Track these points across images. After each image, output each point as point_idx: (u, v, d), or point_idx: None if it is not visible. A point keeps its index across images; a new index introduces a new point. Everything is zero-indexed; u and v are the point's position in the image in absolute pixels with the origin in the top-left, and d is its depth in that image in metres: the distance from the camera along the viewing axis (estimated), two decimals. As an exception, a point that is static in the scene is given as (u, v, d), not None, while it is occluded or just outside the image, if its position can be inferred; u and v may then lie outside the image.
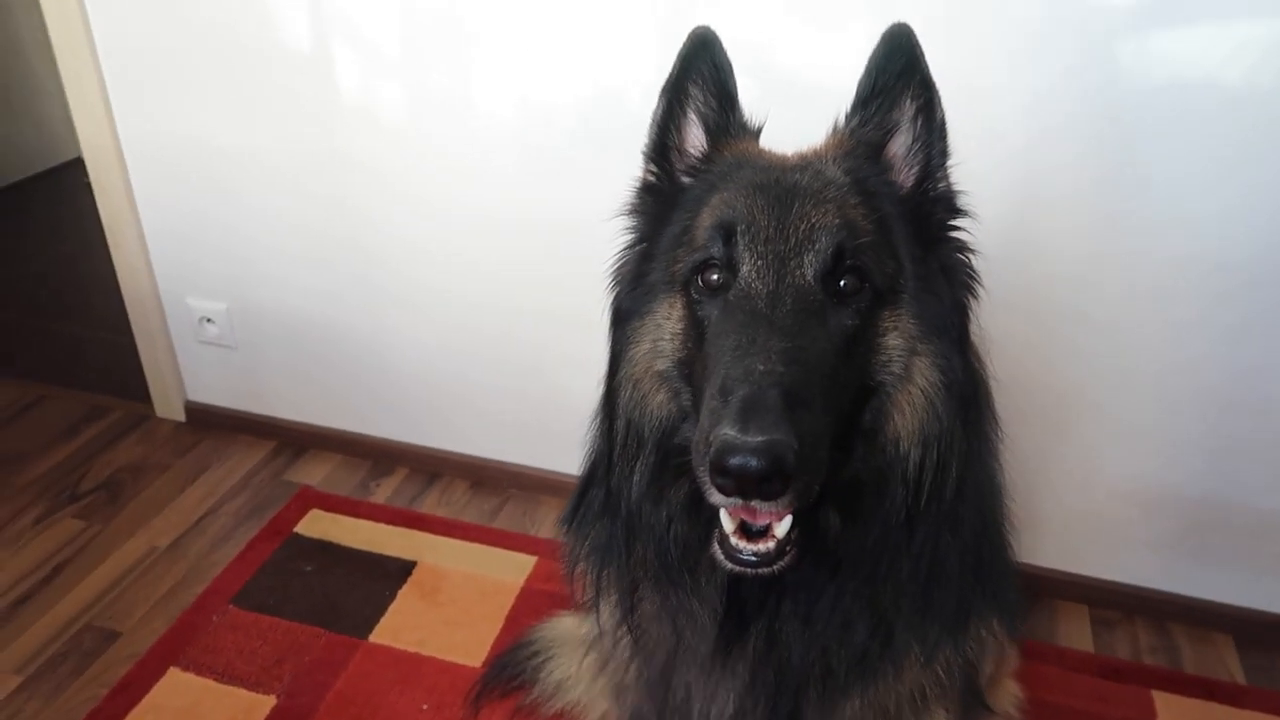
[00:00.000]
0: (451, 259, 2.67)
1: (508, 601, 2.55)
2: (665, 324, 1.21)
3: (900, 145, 1.25)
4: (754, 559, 1.09)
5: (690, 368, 1.18)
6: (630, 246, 1.31)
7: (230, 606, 2.51)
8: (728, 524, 1.10)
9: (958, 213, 1.25)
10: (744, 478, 0.95)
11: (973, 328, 1.24)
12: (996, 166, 2.11)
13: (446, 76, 2.42)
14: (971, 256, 1.25)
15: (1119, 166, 2.08)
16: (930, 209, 1.23)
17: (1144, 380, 2.30)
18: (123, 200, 2.86)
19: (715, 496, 1.02)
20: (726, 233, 1.15)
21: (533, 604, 2.52)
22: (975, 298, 1.25)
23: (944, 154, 1.24)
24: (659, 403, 1.23)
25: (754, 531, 1.09)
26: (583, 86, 2.33)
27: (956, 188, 1.26)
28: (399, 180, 2.60)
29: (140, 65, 2.66)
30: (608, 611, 1.34)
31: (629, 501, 1.23)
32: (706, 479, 1.00)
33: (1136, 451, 2.39)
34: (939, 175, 1.24)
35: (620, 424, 1.24)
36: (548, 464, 2.92)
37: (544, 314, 2.66)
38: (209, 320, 3.03)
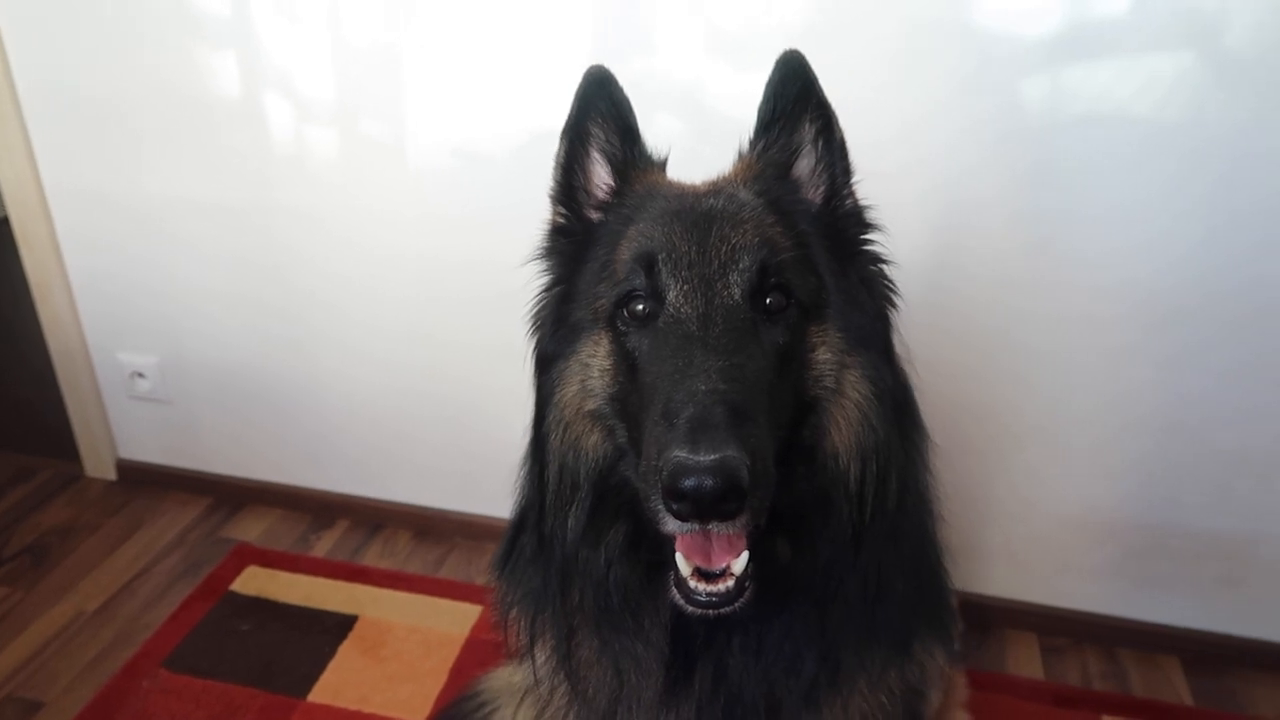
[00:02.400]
0: (388, 306, 2.64)
1: (452, 653, 2.49)
2: (593, 362, 1.20)
3: (805, 166, 1.27)
4: (714, 599, 1.07)
5: (623, 403, 1.17)
6: (547, 289, 1.31)
7: (161, 670, 2.41)
8: (684, 566, 1.08)
9: (868, 226, 1.28)
10: (700, 498, 0.93)
11: (895, 339, 1.25)
12: (924, 196, 2.16)
13: (379, 123, 2.42)
14: (887, 267, 1.27)
15: (1043, 196, 2.13)
16: (842, 225, 1.25)
17: (1082, 407, 2.34)
18: (49, 253, 2.80)
19: (670, 524, 0.99)
20: (648, 263, 1.15)
21: (478, 654, 2.45)
22: (895, 307, 1.27)
23: (847, 172, 1.26)
24: (593, 443, 1.21)
25: (711, 574, 1.07)
26: (516, 132, 2.34)
27: (864, 203, 1.29)
28: (333, 228, 2.58)
29: (65, 117, 2.62)
30: (543, 658, 1.30)
31: (564, 546, 1.21)
32: (660, 507, 0.98)
33: (1078, 477, 2.42)
34: (845, 192, 1.26)
35: (552, 469, 1.22)
36: (492, 510, 2.87)
37: (484, 355, 2.63)
38: (140, 375, 2.95)
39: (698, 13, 2.13)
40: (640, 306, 1.15)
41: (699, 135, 2.20)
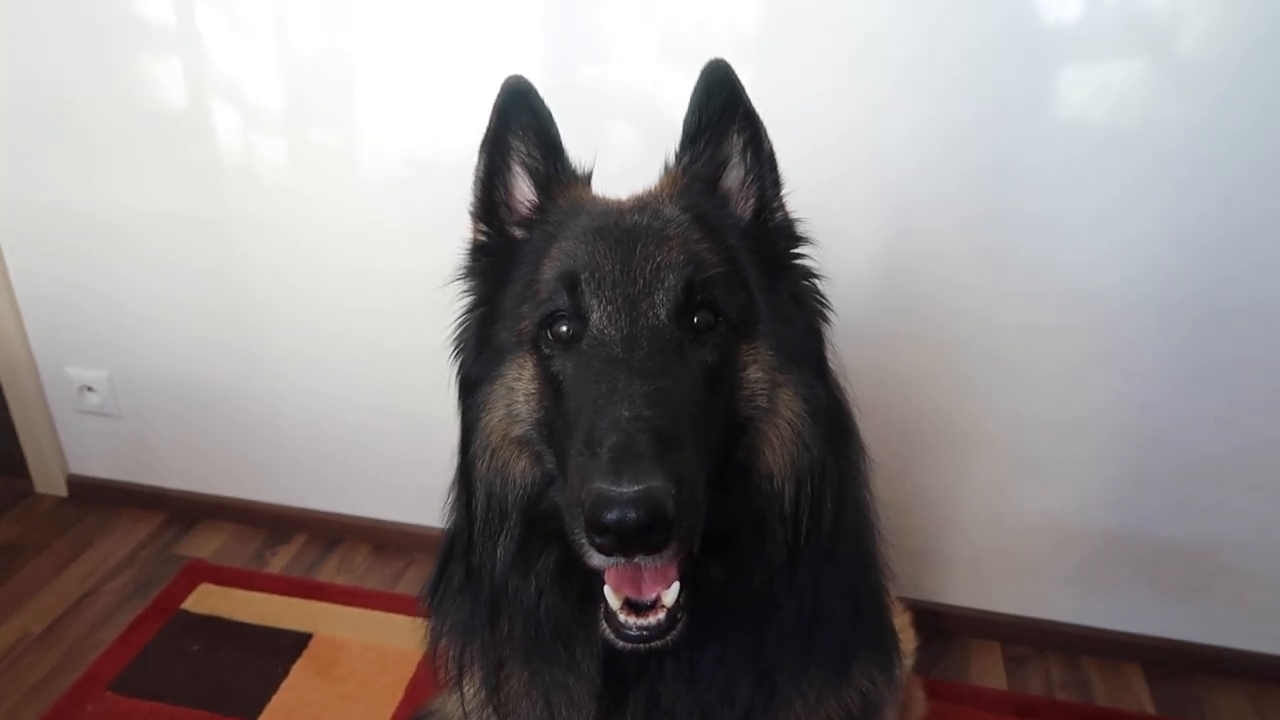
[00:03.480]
0: (341, 315, 2.60)
1: (408, 670, 2.44)
2: (518, 385, 1.16)
3: (734, 179, 1.23)
4: (645, 633, 1.03)
5: (550, 428, 1.13)
6: (470, 310, 1.27)
7: (108, 693, 2.34)
8: (613, 600, 1.04)
9: (799, 240, 1.24)
10: (624, 532, 0.89)
11: (830, 353, 1.22)
12: (880, 195, 2.14)
13: (330, 132, 2.37)
14: (819, 281, 1.24)
15: (999, 201, 2.11)
16: (772, 239, 1.22)
17: (1044, 415, 2.32)
18: (-9, 265, 2.73)
19: (595, 558, 0.95)
20: (570, 282, 1.11)
21: (430, 668, 2.40)
22: (827, 322, 1.23)
23: (777, 184, 1.23)
24: (521, 470, 1.17)
25: (642, 606, 1.03)
26: (468, 140, 2.28)
27: (795, 215, 1.25)
28: (286, 238, 2.52)
29: (10, 123, 2.55)
30: (471, 691, 1.26)
31: (493, 576, 1.17)
32: (584, 540, 0.94)
33: (1039, 486, 2.40)
34: (775, 205, 1.23)
35: (480, 497, 1.18)
36: (452, 524, 2.82)
37: (441, 367, 2.57)
38: (89, 389, 2.89)
39: (650, 19, 2.10)
40: (564, 328, 1.11)
41: (653, 142, 2.16)
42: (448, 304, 2.52)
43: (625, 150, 2.10)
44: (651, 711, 1.14)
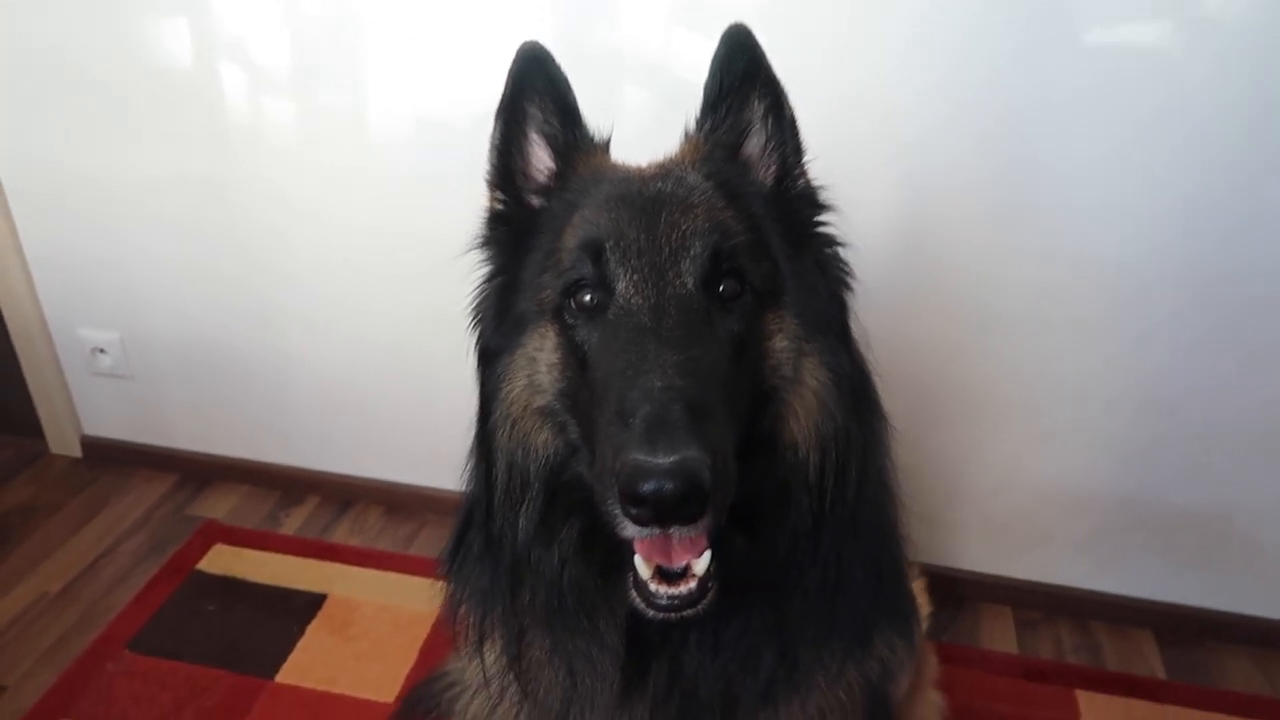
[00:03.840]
0: (351, 277, 2.58)
1: (422, 632, 2.46)
2: (539, 356, 1.14)
3: (755, 145, 1.21)
4: (677, 602, 1.02)
5: (574, 399, 1.11)
6: (489, 280, 1.25)
7: (126, 652, 2.37)
8: (643, 569, 1.03)
9: (821, 208, 1.22)
10: (660, 503, 0.88)
11: (852, 322, 1.21)
12: (889, 163, 2.12)
13: (338, 94, 2.34)
14: (842, 249, 1.22)
15: (1013, 161, 2.08)
16: (795, 207, 1.20)
17: (1057, 382, 2.31)
18: (1, 228, 2.71)
19: (629, 529, 0.94)
20: (595, 251, 1.09)
21: (448, 633, 2.41)
22: (851, 291, 1.22)
23: (799, 150, 1.21)
24: (543, 440, 1.15)
25: (673, 575, 1.03)
26: (479, 100, 2.25)
27: (817, 182, 1.23)
28: (293, 200, 2.50)
29: (14, 84, 2.52)
30: (492, 658, 1.26)
31: (514, 546, 1.16)
32: (617, 511, 0.93)
33: (1053, 453, 2.39)
34: (797, 172, 1.21)
35: (500, 467, 1.17)
36: (463, 486, 2.83)
37: (453, 329, 2.55)
38: (102, 351, 2.89)
39: (664, -23, 2.06)
40: (588, 297, 1.10)
41: (667, 105, 2.13)
42: (458, 267, 2.51)
43: (638, 113, 2.08)
44: (675, 681, 1.14)
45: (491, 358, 1.19)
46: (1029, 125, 2.03)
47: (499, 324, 1.19)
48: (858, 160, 2.06)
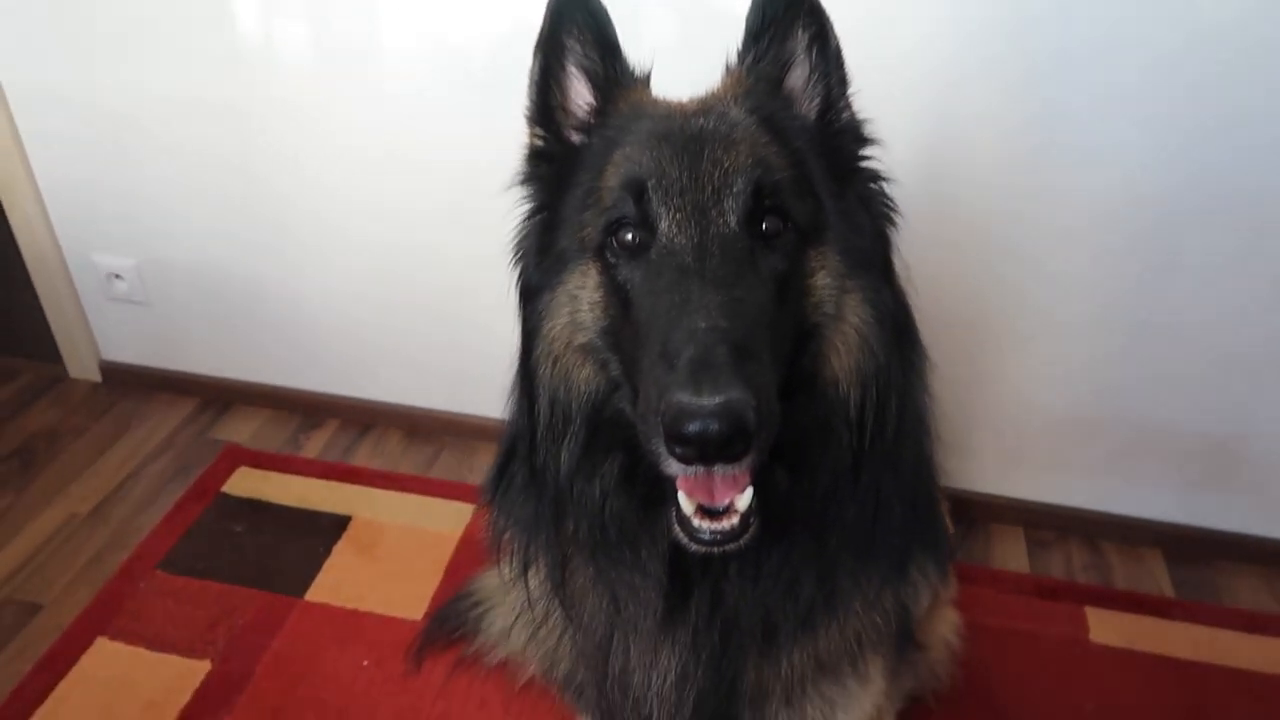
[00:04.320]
0: (368, 203, 2.56)
1: (447, 552, 2.51)
2: (581, 294, 1.15)
3: (798, 78, 1.19)
4: (719, 537, 1.04)
5: (616, 336, 1.12)
6: (530, 216, 1.24)
7: (158, 571, 2.43)
8: (687, 505, 1.05)
9: (866, 141, 1.21)
10: (705, 443, 0.90)
11: (895, 258, 1.20)
12: (911, 91, 2.08)
13: (355, 19, 2.28)
14: (886, 185, 1.21)
15: (1038, 100, 2.04)
16: (839, 141, 1.19)
17: (1075, 311, 2.31)
18: (12, 154, 2.68)
19: (673, 467, 0.96)
20: (637, 190, 1.08)
21: (472, 554, 2.47)
22: (894, 226, 1.21)
23: (843, 82, 1.19)
24: (585, 377, 1.16)
25: (715, 511, 1.05)
26: (498, 22, 2.21)
27: (861, 116, 1.21)
28: (307, 125, 2.47)
29: (23, 14, 2.45)
30: (536, 583, 1.29)
31: (557, 479, 1.18)
32: (662, 450, 0.95)
33: (1070, 380, 2.41)
34: (841, 105, 1.19)
35: (543, 402, 1.18)
36: (482, 410, 2.86)
37: (466, 254, 2.56)
38: (118, 276, 2.88)
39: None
40: (630, 236, 1.09)
41: (690, 29, 2.09)
42: (474, 194, 2.49)
43: (667, 41, 2.03)
44: (716, 608, 1.17)
45: (533, 294, 1.19)
46: (1051, 65, 2.00)
47: (540, 261, 1.19)
48: (877, 91, 2.03)
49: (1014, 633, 2.30)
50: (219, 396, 3.04)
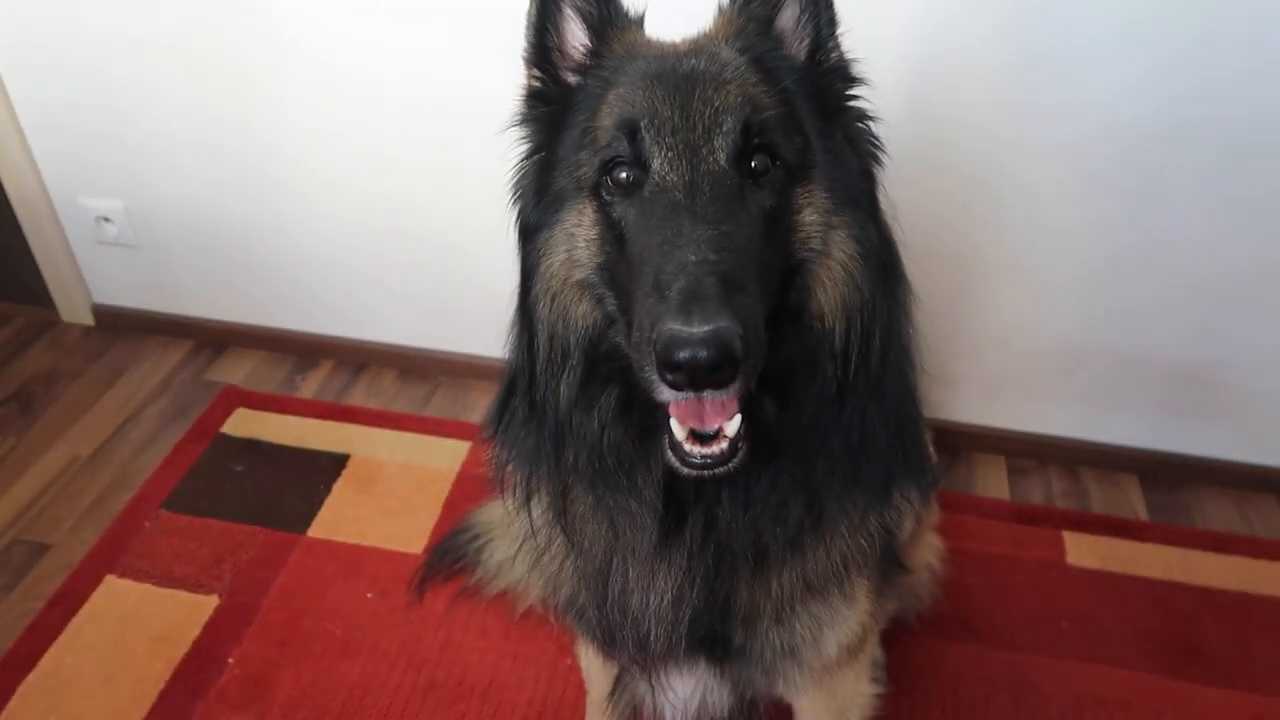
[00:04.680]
0: (357, 141, 2.56)
1: (444, 488, 2.57)
2: (578, 231, 1.18)
3: (788, 18, 1.22)
4: (710, 461, 1.10)
5: (611, 272, 1.16)
6: (527, 157, 1.27)
7: (162, 511, 2.48)
8: (678, 431, 1.11)
9: (854, 81, 1.24)
10: (695, 369, 0.95)
11: (880, 194, 1.24)
12: (897, 28, 2.09)
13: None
14: (873, 124, 1.24)
15: (1019, 34, 2.06)
16: (827, 81, 1.22)
17: (1057, 242, 2.35)
18: (-6, 95, 2.66)
19: (665, 393, 1.01)
20: (630, 129, 1.12)
21: (469, 489, 2.54)
22: (880, 164, 1.25)
23: (832, 22, 1.22)
24: (582, 312, 1.21)
25: (706, 436, 1.10)
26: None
27: (850, 56, 1.24)
28: (296, 64, 2.46)
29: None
30: (538, 512, 1.35)
31: (557, 412, 1.23)
32: (654, 377, 1.00)
33: (1052, 310, 2.46)
34: (830, 45, 1.22)
35: (542, 338, 1.22)
36: (475, 349, 2.90)
37: (461, 193, 2.58)
38: (107, 220, 2.88)
39: None
40: (624, 174, 1.13)
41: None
42: (470, 131, 2.49)
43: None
44: (709, 532, 1.23)
45: (531, 233, 1.23)
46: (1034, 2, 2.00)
47: (538, 200, 1.22)
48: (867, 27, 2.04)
49: (994, 557, 2.39)
50: (213, 339, 3.07)
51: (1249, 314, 2.36)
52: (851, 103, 1.23)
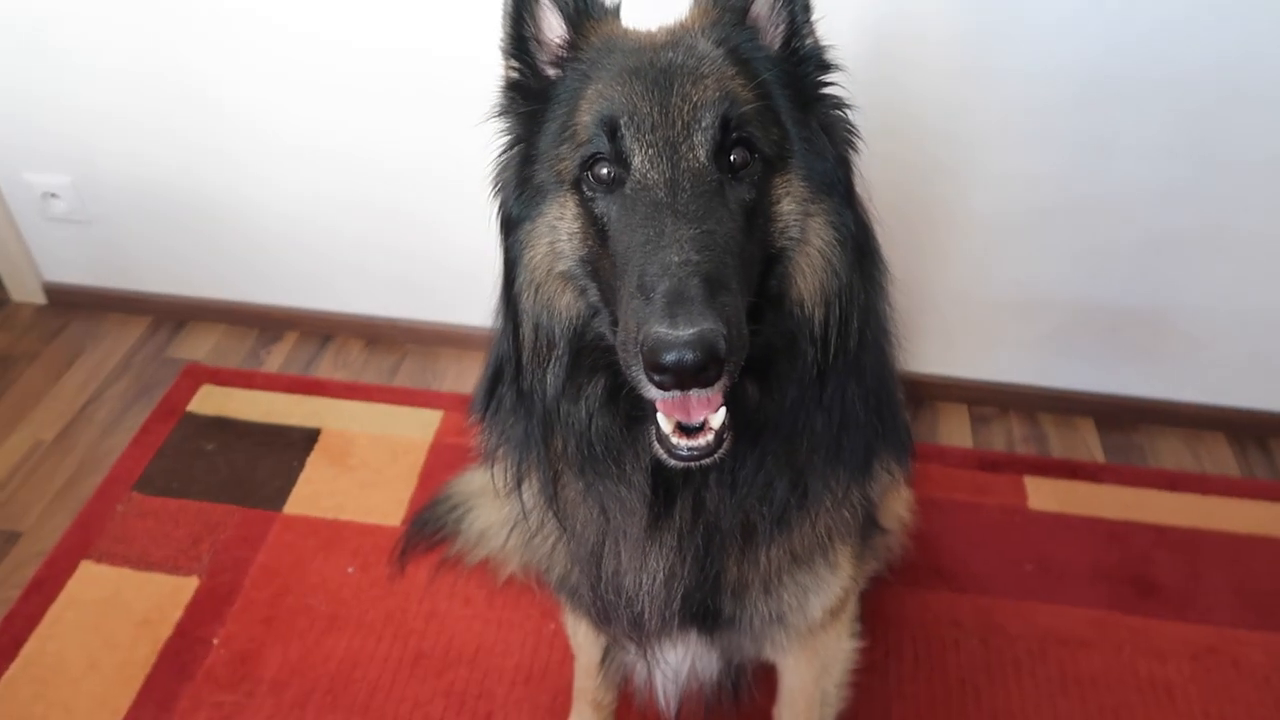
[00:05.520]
0: (314, 109, 2.51)
1: (419, 459, 2.58)
2: (560, 225, 1.19)
3: (763, 5, 1.22)
4: (696, 453, 1.13)
5: (594, 265, 1.17)
6: (507, 149, 1.27)
7: (134, 493, 2.46)
8: (665, 424, 1.13)
9: (829, 68, 1.25)
10: (681, 371, 0.97)
11: (856, 179, 1.26)
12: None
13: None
14: (848, 111, 1.26)
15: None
16: (803, 69, 1.23)
17: (1016, 195, 2.40)
18: (-73, 69, 2.55)
19: (652, 391, 1.04)
20: (610, 127, 1.12)
21: (445, 459, 2.55)
22: (856, 151, 1.26)
23: (807, 8, 1.22)
24: (566, 303, 1.22)
25: (692, 428, 1.13)
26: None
27: (824, 42, 1.25)
28: (249, 27, 2.39)
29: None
30: (530, 495, 1.37)
31: (544, 400, 1.24)
32: (642, 376, 1.02)
33: (1011, 263, 2.52)
34: (805, 31, 1.23)
35: (527, 328, 1.24)
36: (442, 316, 2.89)
37: (422, 161, 2.55)
38: (54, 195, 2.80)
39: None
40: (605, 170, 1.14)
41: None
42: (431, 95, 2.45)
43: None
44: (697, 514, 1.26)
45: (513, 225, 1.23)
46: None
47: (519, 193, 1.22)
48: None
49: (960, 504, 2.47)
50: (172, 314, 3.02)
51: (1196, 260, 2.43)
52: (827, 90, 1.24)
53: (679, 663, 1.58)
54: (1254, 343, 2.55)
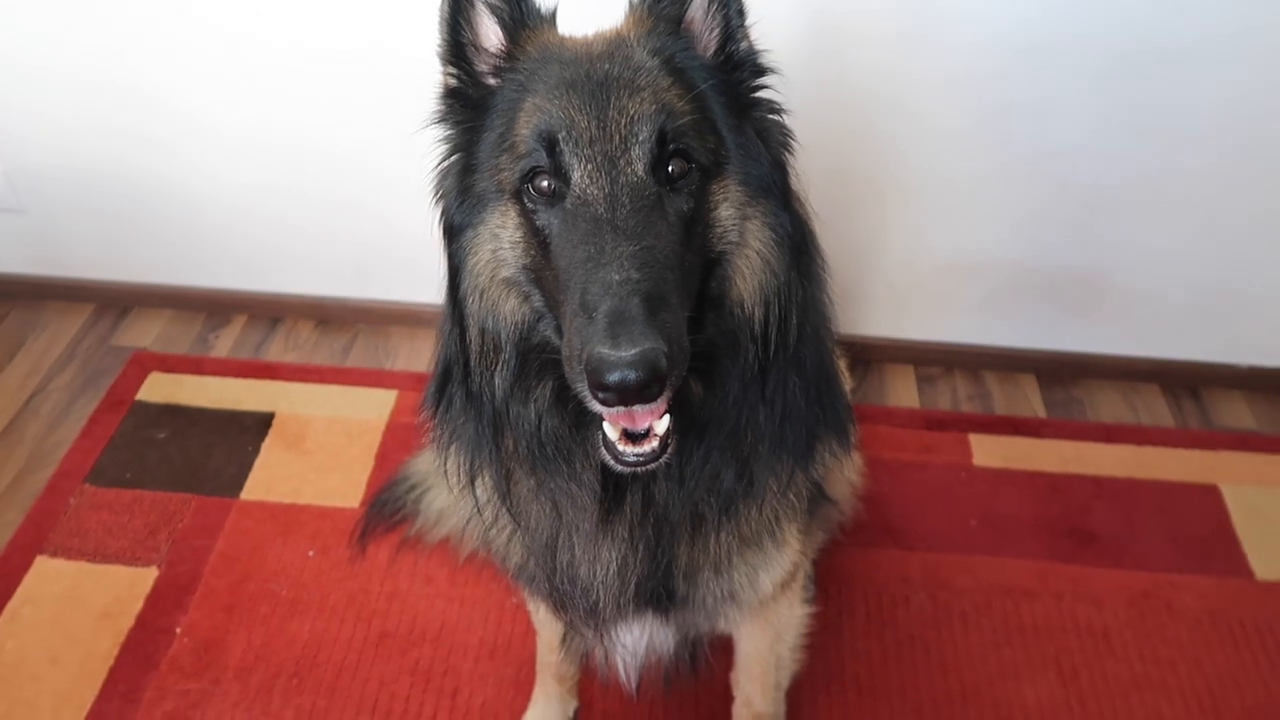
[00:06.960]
0: (253, 88, 2.47)
1: (375, 440, 2.58)
2: (502, 233, 1.20)
3: (697, 10, 1.23)
4: (642, 459, 1.16)
5: (537, 273, 1.19)
6: (447, 157, 1.27)
7: (86, 485, 2.44)
8: (611, 432, 1.16)
9: (763, 72, 1.26)
10: (625, 390, 0.99)
11: (792, 179, 1.28)
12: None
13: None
14: (783, 116, 1.27)
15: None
16: (738, 74, 1.24)
17: (956, 163, 2.45)
18: None
19: (597, 406, 1.06)
20: (549, 141, 1.13)
21: (401, 438, 2.56)
22: (791, 154, 1.28)
23: (741, 13, 1.23)
24: (511, 308, 1.23)
25: (637, 435, 1.15)
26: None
27: (759, 46, 1.26)
28: (184, 28, 2.36)
29: None
30: (483, 492, 1.39)
31: (494, 402, 1.26)
32: (587, 393, 1.04)
33: (952, 228, 2.57)
34: (739, 35, 1.23)
35: (474, 332, 1.25)
36: (392, 295, 2.88)
37: (365, 141, 2.52)
38: (-16, 184, 2.73)
39: None
40: (546, 183, 1.14)
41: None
42: (376, 80, 2.42)
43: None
44: (648, 508, 1.30)
45: (456, 232, 1.24)
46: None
47: (461, 201, 1.23)
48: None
49: (907, 464, 2.54)
50: (115, 301, 2.97)
51: (1130, 219, 2.50)
52: (761, 94, 1.25)
53: (636, 641, 1.62)
54: (1185, 295, 2.63)
